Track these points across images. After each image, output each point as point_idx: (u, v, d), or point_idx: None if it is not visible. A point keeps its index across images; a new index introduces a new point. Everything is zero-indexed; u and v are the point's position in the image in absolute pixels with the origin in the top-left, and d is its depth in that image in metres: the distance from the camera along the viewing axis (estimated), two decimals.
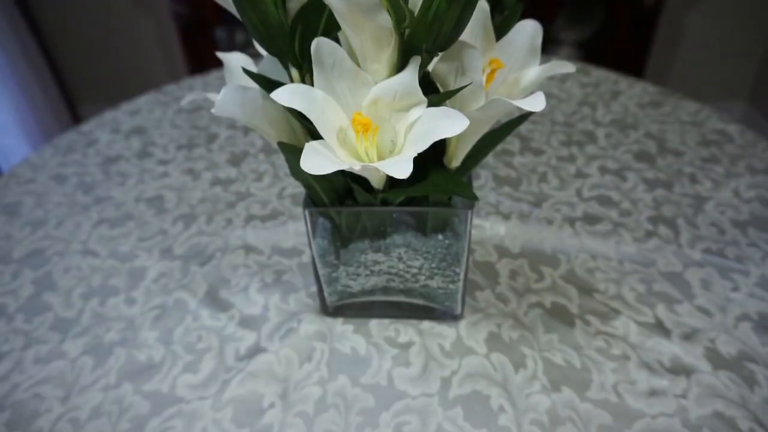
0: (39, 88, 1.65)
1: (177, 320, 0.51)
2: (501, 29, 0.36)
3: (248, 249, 0.58)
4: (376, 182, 0.37)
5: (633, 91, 0.85)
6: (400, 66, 0.33)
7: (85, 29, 1.83)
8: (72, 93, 1.93)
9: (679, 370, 0.44)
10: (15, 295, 0.55)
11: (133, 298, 0.53)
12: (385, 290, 0.48)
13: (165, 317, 0.51)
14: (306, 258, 0.57)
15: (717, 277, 0.52)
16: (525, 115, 0.39)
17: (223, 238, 0.60)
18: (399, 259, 0.45)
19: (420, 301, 0.48)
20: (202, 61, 1.56)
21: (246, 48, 1.68)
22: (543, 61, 0.37)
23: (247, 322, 0.50)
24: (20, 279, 0.57)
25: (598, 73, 0.90)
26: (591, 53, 1.60)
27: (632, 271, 0.53)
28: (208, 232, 0.61)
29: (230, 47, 1.68)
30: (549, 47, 1.60)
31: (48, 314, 0.52)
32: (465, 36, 0.32)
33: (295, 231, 0.60)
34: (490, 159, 0.70)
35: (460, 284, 0.46)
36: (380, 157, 0.35)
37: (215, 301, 0.52)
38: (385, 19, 0.30)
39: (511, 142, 0.73)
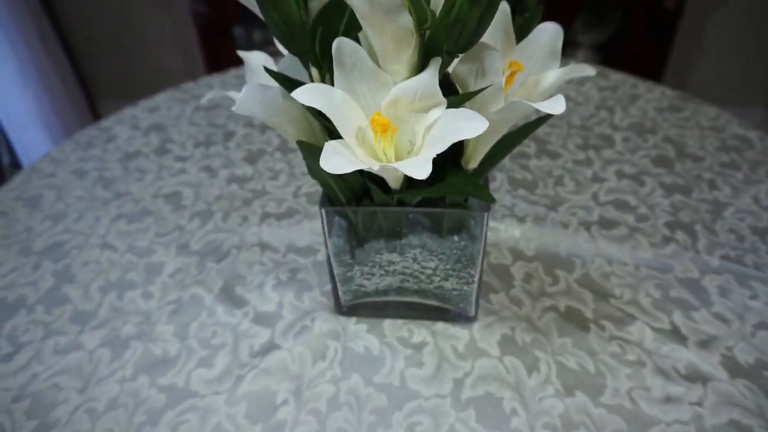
0: (60, 83, 1.67)
1: (193, 315, 0.51)
2: (521, 31, 0.36)
3: (264, 246, 0.59)
4: (394, 182, 0.37)
5: (652, 95, 0.84)
6: (420, 67, 0.33)
7: (105, 26, 1.85)
8: (91, 89, 1.95)
9: (695, 377, 0.44)
10: (35, 287, 0.56)
11: (150, 293, 0.54)
12: (400, 290, 0.48)
13: (181, 312, 0.52)
14: (321, 257, 0.57)
15: (735, 285, 0.52)
16: (543, 118, 0.39)
17: (239, 235, 0.60)
18: (414, 259, 0.45)
19: (434, 302, 0.49)
20: (220, 58, 1.57)
21: (264, 46, 1.69)
22: (561, 64, 0.36)
23: (261, 319, 0.50)
24: (40, 271, 0.58)
25: (616, 77, 0.89)
26: (609, 56, 1.59)
27: (648, 277, 0.53)
28: (224, 229, 0.61)
29: (248, 45, 1.69)
30: (567, 50, 1.58)
31: (67, 306, 0.53)
32: (485, 38, 0.32)
33: (311, 229, 0.60)
34: (506, 161, 0.70)
35: (475, 286, 0.46)
36: (398, 158, 0.35)
37: (230, 297, 0.53)
38: (407, 20, 0.30)
39: (528, 145, 0.73)
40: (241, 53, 0.41)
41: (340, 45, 0.32)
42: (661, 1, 1.42)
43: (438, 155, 0.31)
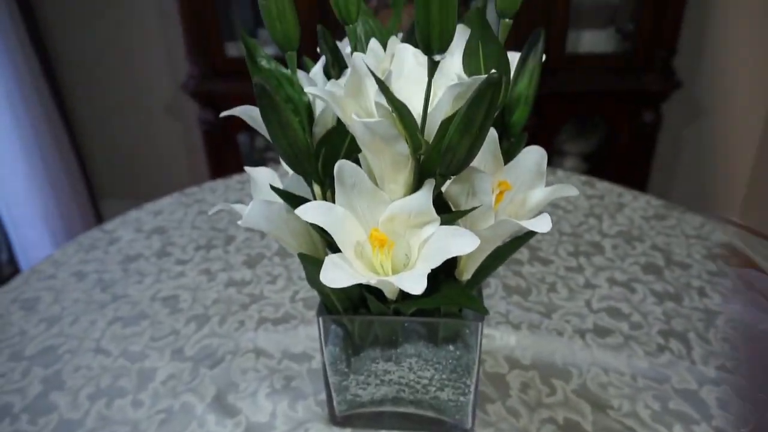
0: (67, 184, 1.73)
1: (182, 425, 0.50)
2: (508, 154, 0.39)
3: (259, 352, 0.58)
4: (390, 293, 0.39)
5: (637, 203, 0.88)
6: (415, 186, 0.36)
7: (117, 130, 1.95)
8: (96, 189, 2.01)
9: None
10: (22, 394, 0.54)
11: (140, 401, 0.53)
12: (395, 401, 0.48)
13: (170, 421, 0.50)
14: (316, 363, 0.57)
15: (733, 397, 0.51)
16: (532, 232, 0.41)
17: (234, 341, 0.60)
18: (410, 369, 0.45)
19: (430, 413, 0.48)
20: (224, 162, 1.64)
21: (265, 151, 1.78)
22: (549, 173, 0.39)
23: (253, 430, 0.49)
24: (29, 377, 0.57)
25: (602, 186, 0.94)
26: (596, 164, 1.67)
27: (646, 387, 0.52)
28: (220, 333, 0.61)
29: (251, 150, 1.78)
30: (555, 159, 1.67)
31: (53, 415, 0.52)
32: (475, 161, 0.35)
33: (306, 335, 0.60)
34: (499, 268, 0.72)
35: (471, 397, 0.46)
36: (395, 271, 0.36)
37: (223, 406, 0.52)
38: (403, 147, 0.33)
39: (520, 252, 0.75)
40: (248, 169, 0.44)
41: (342, 167, 0.34)
42: (640, 114, 1.53)
43: None
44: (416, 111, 0.33)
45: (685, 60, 1.59)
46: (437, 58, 0.30)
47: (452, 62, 0.36)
